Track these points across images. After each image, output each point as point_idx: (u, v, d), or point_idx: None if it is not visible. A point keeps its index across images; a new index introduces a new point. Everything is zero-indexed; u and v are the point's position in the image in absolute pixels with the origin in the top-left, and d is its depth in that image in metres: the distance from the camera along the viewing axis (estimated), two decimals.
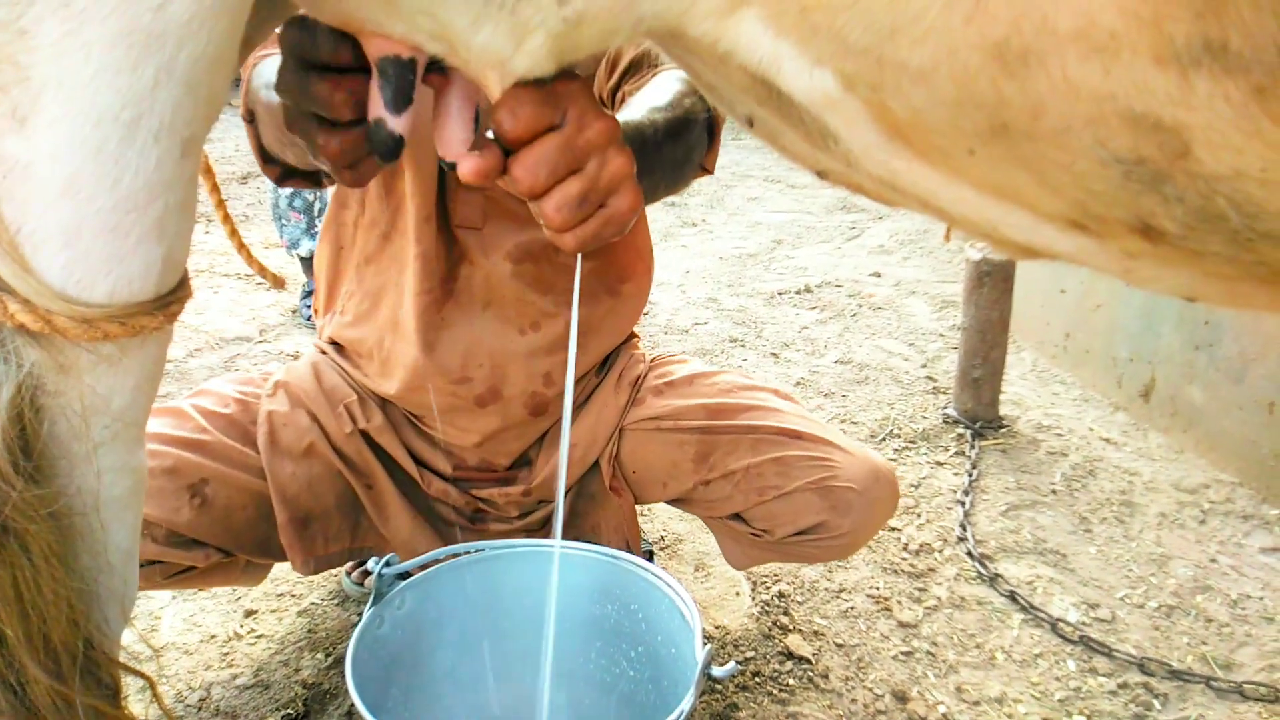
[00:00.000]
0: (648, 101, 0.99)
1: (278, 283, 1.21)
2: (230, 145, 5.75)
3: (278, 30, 0.60)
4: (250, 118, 0.98)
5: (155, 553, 1.11)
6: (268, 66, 0.96)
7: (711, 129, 1.08)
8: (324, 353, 1.31)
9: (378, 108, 0.57)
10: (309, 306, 2.87)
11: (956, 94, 0.36)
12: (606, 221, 0.63)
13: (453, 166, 0.61)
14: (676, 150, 0.99)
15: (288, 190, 2.81)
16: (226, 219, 0.90)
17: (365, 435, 1.25)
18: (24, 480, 0.57)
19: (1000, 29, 0.33)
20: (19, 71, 0.45)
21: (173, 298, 0.60)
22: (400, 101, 0.57)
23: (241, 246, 0.96)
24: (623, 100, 1.11)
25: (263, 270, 1.10)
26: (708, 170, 1.14)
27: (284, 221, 2.86)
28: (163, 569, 1.14)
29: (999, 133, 0.37)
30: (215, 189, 0.85)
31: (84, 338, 0.55)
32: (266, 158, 1.02)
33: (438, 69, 0.60)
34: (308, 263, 2.91)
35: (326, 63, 0.57)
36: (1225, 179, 0.34)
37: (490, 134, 0.60)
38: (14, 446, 0.56)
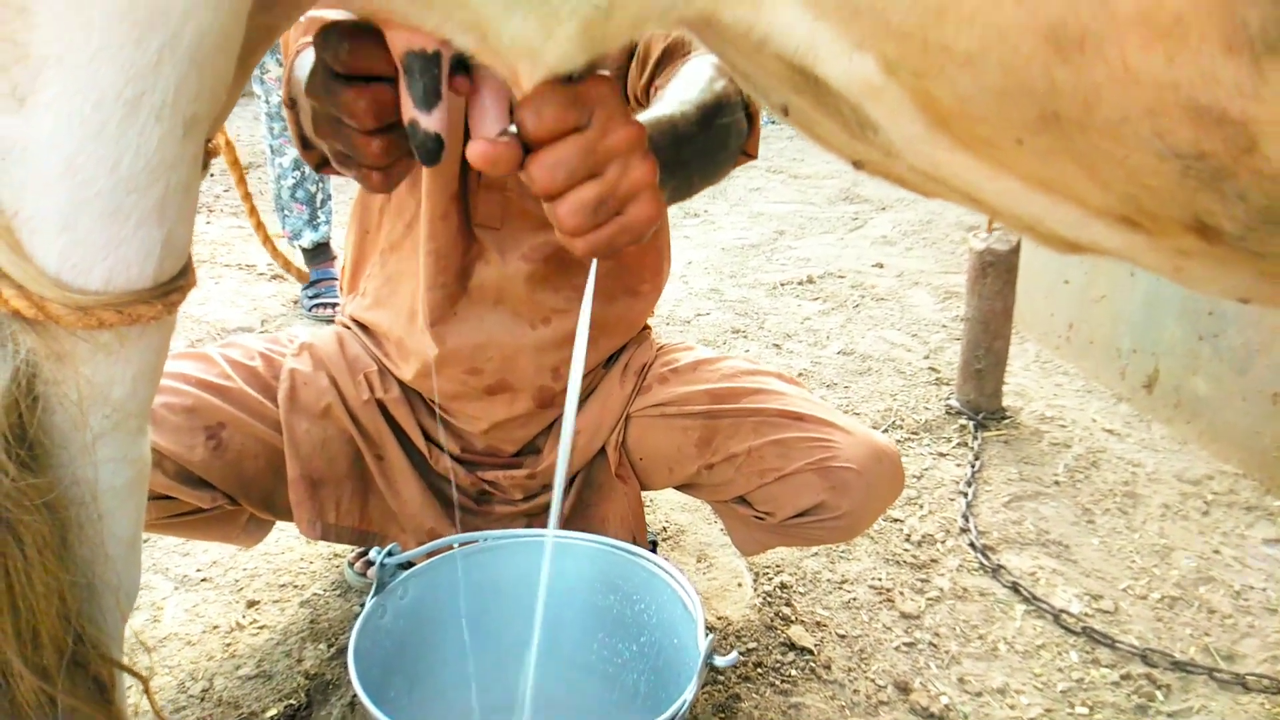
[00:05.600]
0: (678, 93, 0.96)
1: (301, 276, 1.21)
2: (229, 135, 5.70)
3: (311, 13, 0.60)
4: (292, 104, 0.97)
5: (164, 486, 1.10)
6: (308, 58, 0.96)
7: (749, 111, 1.05)
8: (348, 328, 1.32)
9: (409, 108, 0.57)
10: (310, 297, 2.85)
11: (1005, 81, 0.34)
12: (622, 230, 0.62)
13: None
14: (710, 139, 0.96)
15: (290, 181, 2.80)
16: (253, 211, 0.89)
17: (381, 405, 1.26)
18: (18, 468, 0.55)
19: (1055, 10, 0.31)
20: (18, 49, 0.43)
21: (173, 286, 0.58)
22: (430, 98, 0.56)
23: (267, 239, 0.95)
24: (656, 93, 1.09)
25: (287, 265, 1.10)
26: (750, 155, 1.10)
27: (286, 213, 2.84)
28: (165, 506, 1.13)
29: (1049, 123, 0.35)
30: (242, 180, 0.84)
31: (79, 325, 0.53)
32: (305, 144, 1.01)
33: (463, 71, 0.59)
34: (310, 254, 2.89)
35: (350, 70, 0.57)
36: None
37: (514, 129, 0.58)
38: (8, 434, 0.54)
